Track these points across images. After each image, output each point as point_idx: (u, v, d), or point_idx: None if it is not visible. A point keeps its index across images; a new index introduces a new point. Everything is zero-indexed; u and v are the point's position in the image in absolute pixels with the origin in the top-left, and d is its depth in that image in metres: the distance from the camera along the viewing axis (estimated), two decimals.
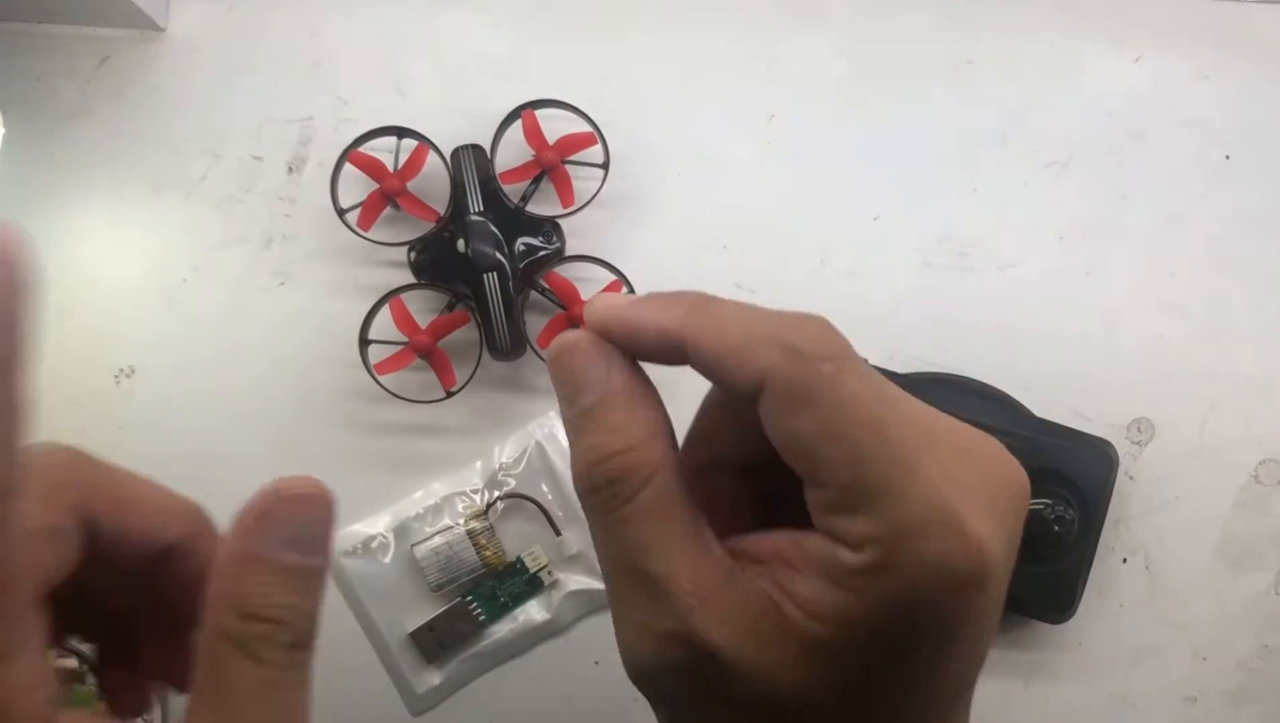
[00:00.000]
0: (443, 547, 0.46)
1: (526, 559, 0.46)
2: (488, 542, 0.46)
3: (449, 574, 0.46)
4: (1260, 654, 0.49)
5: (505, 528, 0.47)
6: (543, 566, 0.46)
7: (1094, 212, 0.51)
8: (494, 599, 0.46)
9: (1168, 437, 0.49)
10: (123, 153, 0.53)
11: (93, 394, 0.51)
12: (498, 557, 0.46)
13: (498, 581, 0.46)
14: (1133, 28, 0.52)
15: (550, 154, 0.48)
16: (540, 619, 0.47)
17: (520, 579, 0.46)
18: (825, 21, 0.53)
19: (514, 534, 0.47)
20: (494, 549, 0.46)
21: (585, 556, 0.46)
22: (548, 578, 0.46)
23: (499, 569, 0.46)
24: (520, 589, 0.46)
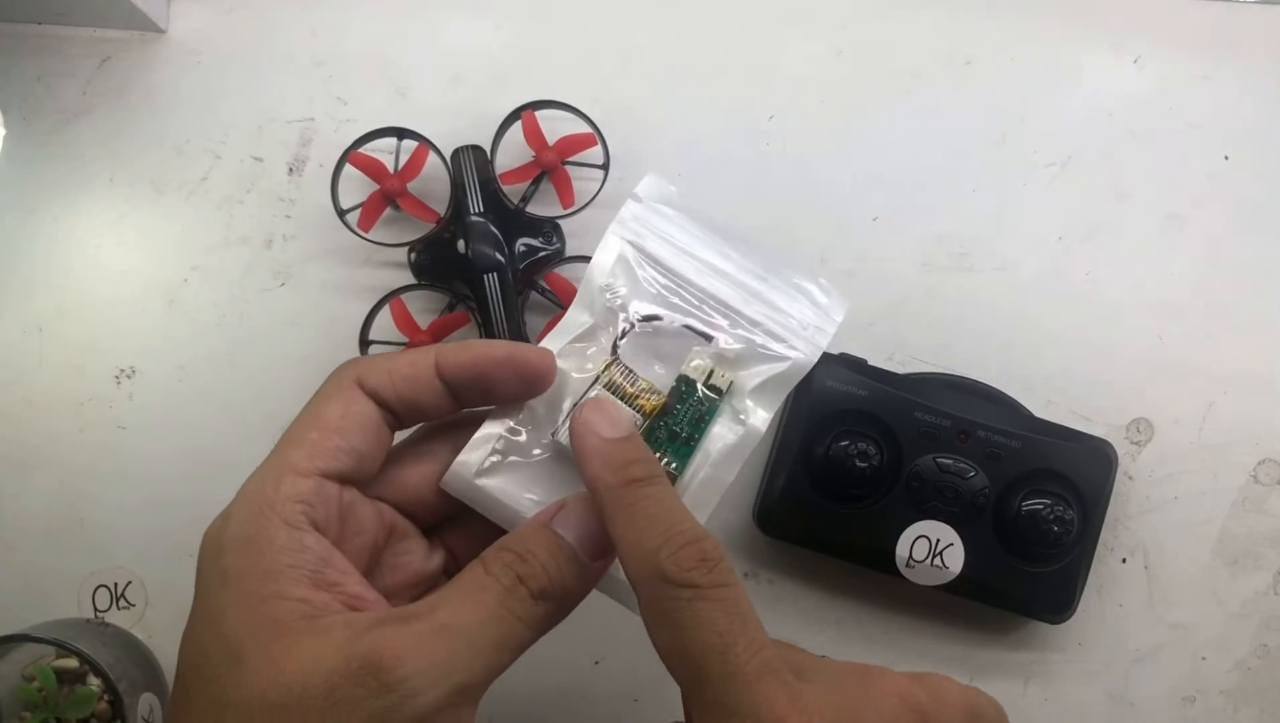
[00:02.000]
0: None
1: (690, 373, 0.36)
2: (633, 385, 0.35)
3: None
4: (1259, 654, 0.49)
5: (643, 363, 0.36)
6: (709, 371, 0.36)
7: (1093, 212, 0.51)
8: (675, 438, 0.36)
9: (1167, 437, 0.50)
10: (123, 153, 0.53)
11: (93, 394, 0.51)
12: (651, 399, 0.35)
13: (668, 418, 0.36)
14: (1132, 28, 0.52)
15: (550, 155, 0.48)
16: (734, 437, 0.36)
17: (693, 400, 0.36)
18: (825, 22, 0.53)
19: (656, 366, 0.36)
20: (645, 392, 0.35)
21: (749, 346, 0.36)
22: (723, 381, 0.36)
23: (660, 410, 0.36)
24: (698, 411, 0.36)
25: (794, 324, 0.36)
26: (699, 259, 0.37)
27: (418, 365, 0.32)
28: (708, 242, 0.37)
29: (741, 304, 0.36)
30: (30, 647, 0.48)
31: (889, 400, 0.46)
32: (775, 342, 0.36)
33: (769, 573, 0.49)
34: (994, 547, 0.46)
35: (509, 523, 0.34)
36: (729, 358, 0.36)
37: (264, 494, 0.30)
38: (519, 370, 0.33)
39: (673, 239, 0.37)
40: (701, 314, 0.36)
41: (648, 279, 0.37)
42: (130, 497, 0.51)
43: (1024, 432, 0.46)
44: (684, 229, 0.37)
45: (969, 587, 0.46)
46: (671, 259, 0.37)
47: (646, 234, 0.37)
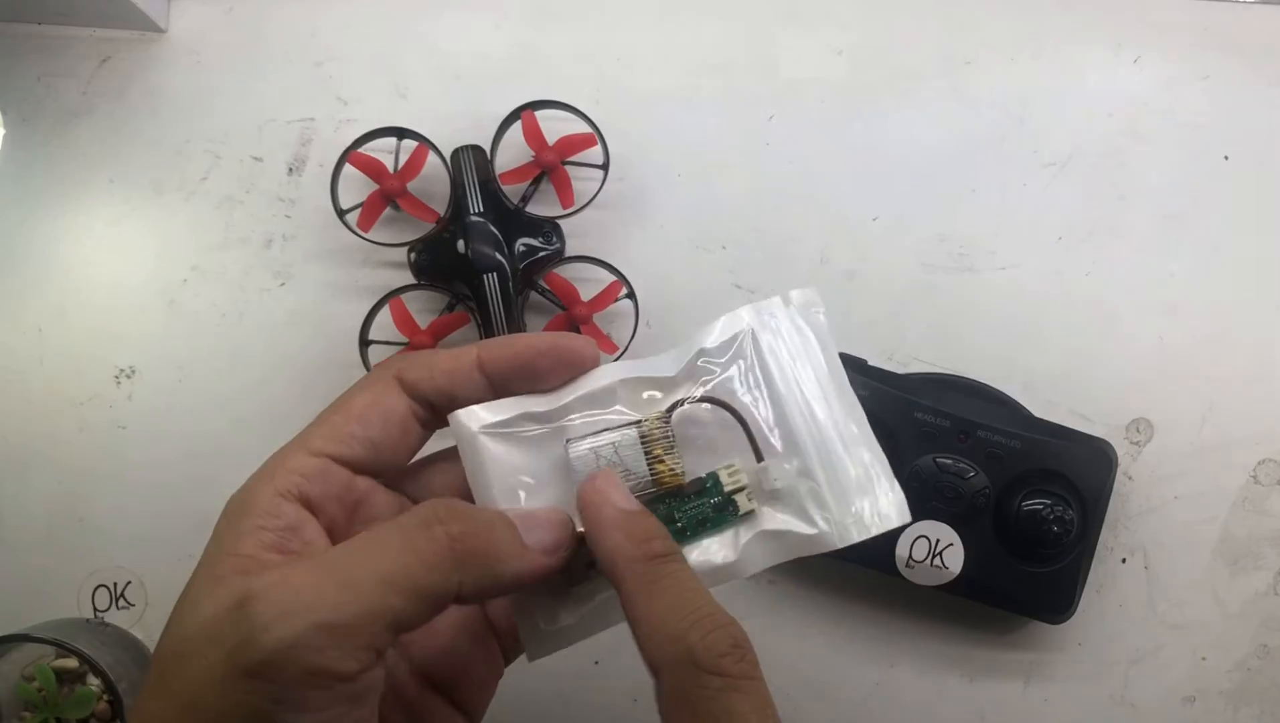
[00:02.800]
0: (605, 448, 0.33)
1: (723, 476, 0.33)
2: (666, 452, 0.33)
3: None
4: (1259, 654, 0.49)
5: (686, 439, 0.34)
6: (741, 487, 0.33)
7: (1093, 212, 0.51)
8: (670, 522, 0.33)
9: (1167, 437, 0.50)
10: (123, 153, 0.53)
11: (93, 394, 0.51)
12: (674, 474, 0.33)
13: (675, 501, 0.34)
14: (1132, 29, 0.52)
15: (550, 155, 0.48)
16: (719, 561, 0.34)
17: (707, 502, 0.34)
18: (825, 22, 0.53)
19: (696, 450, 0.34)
20: (672, 463, 0.33)
21: (792, 491, 0.33)
22: (746, 504, 0.34)
23: (672, 490, 0.34)
24: (705, 515, 0.34)
25: (845, 503, 0.33)
26: (801, 388, 0.34)
27: (460, 360, 0.32)
28: (820, 380, 0.34)
29: (812, 453, 0.33)
30: (30, 647, 0.48)
31: (889, 400, 0.46)
32: (816, 506, 0.33)
33: (769, 573, 0.49)
34: (994, 547, 0.46)
35: (480, 495, 0.33)
36: (766, 489, 0.34)
37: (272, 465, 0.31)
38: (563, 356, 0.33)
39: (791, 356, 0.34)
40: (771, 436, 0.34)
41: (744, 374, 0.34)
42: (130, 497, 0.51)
43: (1024, 432, 0.46)
44: (808, 355, 0.35)
45: (969, 587, 0.46)
46: (776, 371, 0.34)
47: (773, 337, 0.34)
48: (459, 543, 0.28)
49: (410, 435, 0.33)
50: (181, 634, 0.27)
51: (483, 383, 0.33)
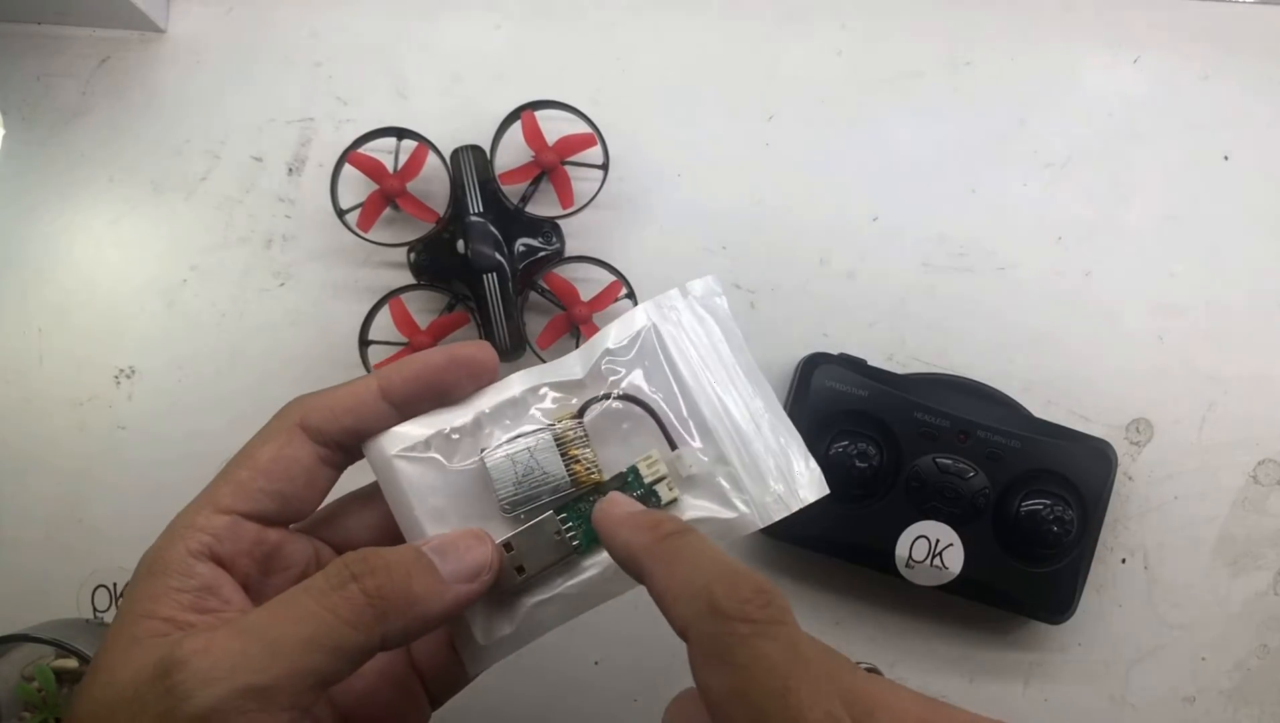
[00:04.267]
0: (521, 454, 0.33)
1: (642, 466, 0.34)
2: (580, 451, 0.34)
3: (526, 490, 0.34)
4: (1259, 654, 0.49)
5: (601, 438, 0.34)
6: (661, 476, 0.34)
7: (1093, 212, 0.51)
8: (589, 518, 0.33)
9: (1166, 437, 0.50)
10: (123, 153, 0.53)
11: (93, 394, 0.51)
12: (590, 473, 0.34)
13: (595, 498, 0.34)
14: (1132, 29, 0.52)
15: (550, 155, 0.48)
16: None
17: (629, 496, 0.34)
18: (825, 22, 0.53)
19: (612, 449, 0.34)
20: (587, 462, 0.34)
21: (709, 478, 0.34)
22: (668, 493, 0.34)
23: (591, 488, 0.34)
24: None
25: (762, 483, 0.34)
26: (708, 376, 0.35)
27: (360, 395, 0.32)
28: (726, 365, 0.35)
29: (725, 438, 0.34)
30: (30, 647, 0.48)
31: (889, 401, 0.46)
32: (734, 488, 0.33)
33: (769, 573, 0.49)
34: (994, 547, 0.46)
35: (403, 519, 0.33)
36: (683, 475, 0.34)
37: (180, 523, 0.31)
38: (463, 367, 0.33)
39: (695, 346, 0.35)
40: (683, 426, 0.34)
41: (651, 368, 0.35)
42: (130, 497, 0.51)
43: (1024, 432, 0.46)
44: (711, 342, 0.35)
45: (968, 587, 0.46)
46: (681, 363, 0.35)
47: (675, 329, 0.35)
48: (377, 597, 0.28)
49: (318, 482, 0.33)
50: (101, 699, 0.27)
51: (388, 411, 0.33)
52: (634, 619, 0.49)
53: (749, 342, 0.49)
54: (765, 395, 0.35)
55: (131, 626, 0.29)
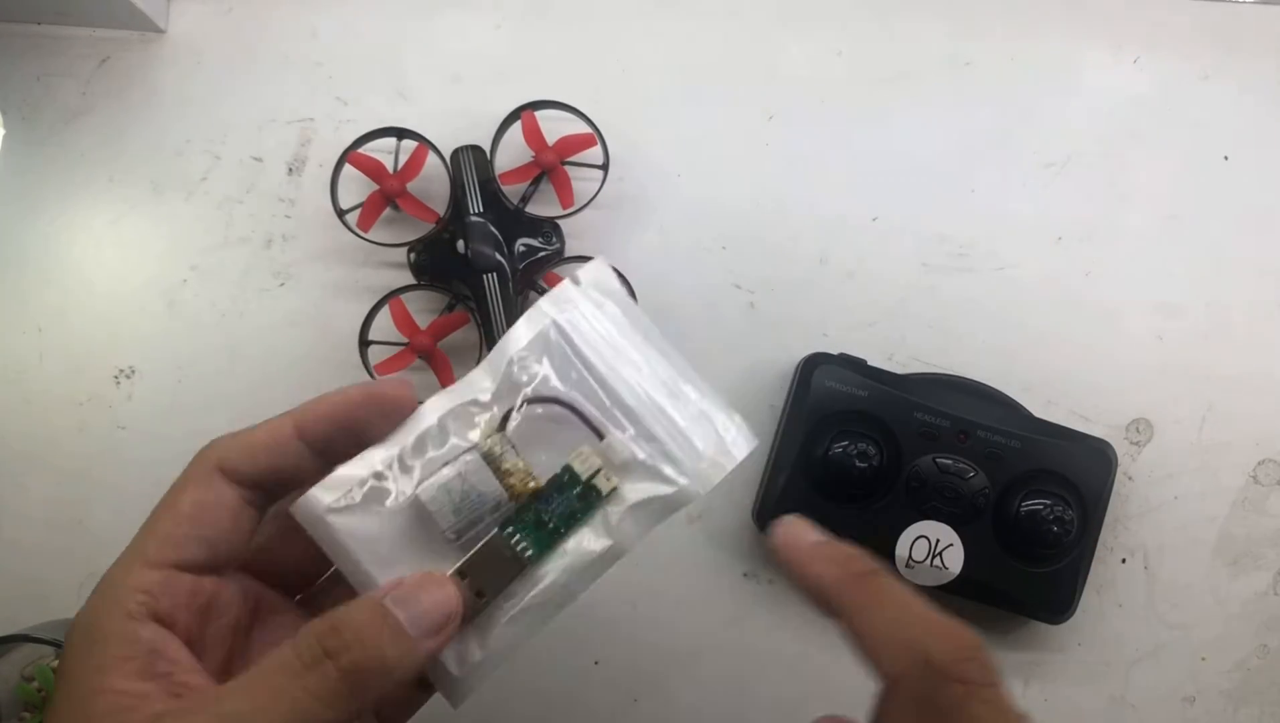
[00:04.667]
0: (454, 481, 0.34)
1: (576, 463, 0.34)
2: (511, 464, 0.34)
3: (466, 515, 0.34)
4: (1259, 654, 0.49)
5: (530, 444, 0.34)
6: (596, 469, 0.34)
7: (1093, 212, 0.51)
8: (540, 526, 0.34)
9: (1166, 437, 0.50)
10: (123, 153, 0.53)
11: (93, 394, 0.51)
12: (525, 481, 0.34)
13: (540, 504, 0.34)
14: (1131, 29, 0.52)
15: (550, 155, 0.48)
16: (599, 548, 0.34)
17: (570, 495, 0.34)
18: (824, 23, 0.53)
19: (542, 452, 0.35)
20: (520, 473, 0.34)
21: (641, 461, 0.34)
22: (606, 484, 0.34)
23: (530, 497, 0.34)
24: (572, 507, 0.34)
25: (693, 451, 0.34)
26: (618, 359, 0.35)
27: (276, 434, 0.32)
28: (634, 344, 0.35)
29: (647, 416, 0.34)
30: (30, 647, 0.48)
31: (889, 401, 0.46)
32: (668, 463, 0.34)
33: (769, 572, 0.49)
34: (994, 547, 0.46)
35: (351, 573, 0.33)
36: (616, 463, 0.34)
37: (112, 584, 0.31)
38: (379, 405, 0.33)
39: (599, 333, 0.35)
40: (605, 414, 0.34)
41: (561, 365, 0.35)
42: (130, 497, 0.51)
43: (1024, 432, 0.46)
44: (614, 325, 0.35)
45: (968, 587, 0.46)
46: (590, 353, 0.35)
47: (576, 321, 0.35)
48: (352, 673, 0.28)
49: (244, 523, 0.32)
50: None
51: (304, 451, 0.32)
52: (634, 619, 0.49)
53: (749, 342, 0.49)
54: (676, 363, 0.35)
55: (85, 703, 0.28)
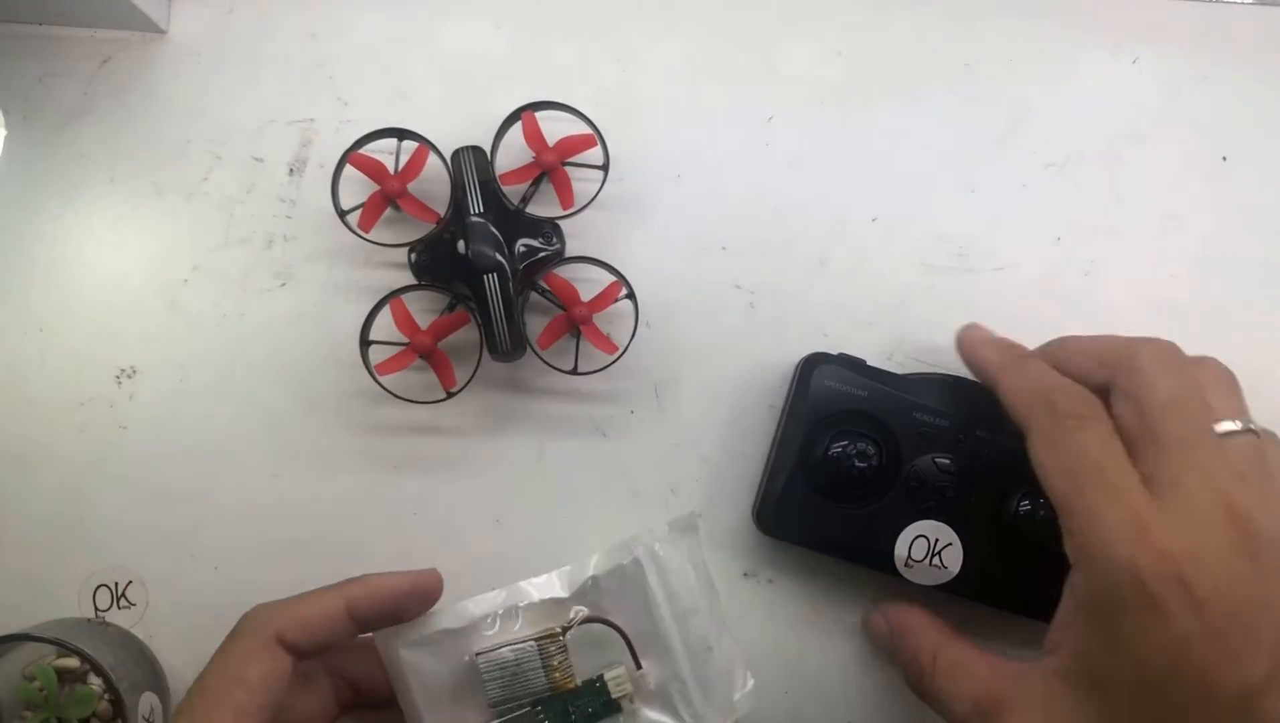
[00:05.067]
0: (510, 662, 0.40)
1: (611, 682, 0.41)
2: (560, 663, 0.41)
3: (511, 690, 0.40)
4: None
5: (577, 646, 0.41)
6: (626, 692, 0.41)
7: (1092, 212, 0.51)
8: (565, 716, 0.41)
9: None
10: (124, 154, 0.53)
11: (94, 394, 0.52)
12: (567, 679, 0.41)
13: (570, 698, 0.41)
14: (1130, 29, 0.52)
15: (550, 156, 0.48)
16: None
17: (596, 700, 0.41)
18: (824, 23, 0.53)
19: (586, 654, 0.41)
20: (564, 671, 0.41)
21: (665, 692, 0.41)
22: (629, 705, 0.41)
23: (566, 691, 0.41)
24: (595, 710, 0.41)
25: (708, 701, 0.41)
26: (676, 606, 0.42)
27: (329, 613, 0.36)
28: (693, 592, 0.42)
29: (681, 660, 0.41)
30: (31, 646, 0.48)
31: (888, 401, 0.46)
32: (684, 704, 0.41)
33: (769, 572, 0.49)
34: (993, 547, 0.46)
35: (405, 702, 0.40)
36: (645, 690, 0.41)
37: None
38: (421, 597, 0.39)
39: (671, 576, 0.42)
40: (649, 645, 0.41)
41: (627, 592, 0.41)
42: (130, 496, 0.51)
43: (1018, 431, 0.46)
44: (682, 574, 0.42)
45: (968, 586, 0.46)
46: (659, 594, 0.41)
47: (655, 562, 0.42)
48: None
49: (293, 686, 0.36)
50: None
51: (351, 627, 0.37)
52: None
53: (749, 342, 0.49)
54: (718, 619, 0.43)
55: None
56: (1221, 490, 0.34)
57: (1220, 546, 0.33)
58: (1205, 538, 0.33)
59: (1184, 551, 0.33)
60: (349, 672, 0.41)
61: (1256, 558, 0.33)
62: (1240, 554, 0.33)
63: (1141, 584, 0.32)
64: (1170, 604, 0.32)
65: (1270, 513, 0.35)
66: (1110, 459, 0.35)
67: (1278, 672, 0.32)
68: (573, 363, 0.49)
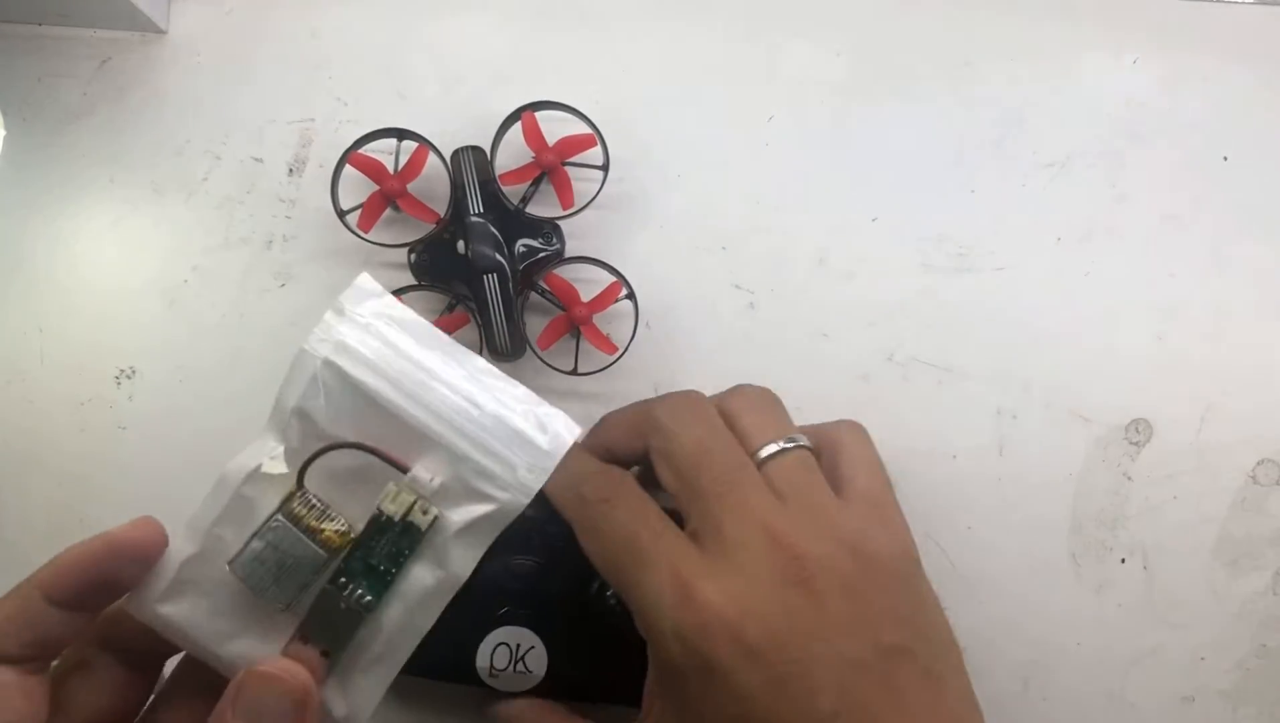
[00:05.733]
0: (265, 551, 0.33)
1: (386, 503, 0.33)
2: (319, 519, 0.33)
3: (290, 582, 0.33)
4: (1258, 654, 0.49)
5: (337, 497, 0.34)
6: (409, 505, 0.33)
7: (1092, 212, 0.51)
8: (370, 572, 0.33)
9: (1166, 437, 0.50)
10: (123, 154, 0.53)
11: (93, 395, 0.52)
12: (341, 533, 0.33)
13: (363, 551, 0.33)
14: (1131, 29, 0.52)
15: (550, 156, 0.48)
16: (433, 580, 0.33)
17: (391, 535, 0.33)
18: (824, 23, 0.53)
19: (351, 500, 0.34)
20: (331, 526, 0.33)
21: (458, 482, 0.33)
22: (423, 518, 0.33)
23: (352, 547, 0.33)
24: (397, 546, 0.33)
25: (507, 463, 0.34)
26: (406, 381, 0.34)
27: (24, 607, 0.31)
28: (418, 361, 0.34)
29: (450, 435, 0.33)
30: None
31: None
32: (484, 480, 0.33)
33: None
34: (580, 637, 0.43)
35: (200, 654, 0.33)
36: (428, 493, 0.33)
37: None
38: (124, 552, 0.33)
39: (378, 356, 0.34)
40: (404, 444, 0.33)
41: (344, 404, 0.34)
42: (131, 497, 0.51)
43: None
44: (391, 345, 0.34)
45: (557, 687, 0.43)
46: (372, 383, 0.33)
47: (347, 351, 0.34)
48: None
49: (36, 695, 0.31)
50: None
51: (63, 616, 0.31)
52: None
53: (747, 344, 0.49)
54: (471, 367, 0.35)
55: None
56: (762, 522, 0.33)
57: (768, 582, 0.31)
58: (752, 579, 0.32)
59: (730, 599, 0.31)
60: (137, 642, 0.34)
61: (809, 584, 0.31)
62: (792, 585, 0.31)
63: (692, 648, 0.31)
64: (724, 662, 0.30)
65: (816, 529, 0.33)
66: (644, 529, 0.34)
67: (844, 708, 0.30)
68: (573, 363, 0.49)
